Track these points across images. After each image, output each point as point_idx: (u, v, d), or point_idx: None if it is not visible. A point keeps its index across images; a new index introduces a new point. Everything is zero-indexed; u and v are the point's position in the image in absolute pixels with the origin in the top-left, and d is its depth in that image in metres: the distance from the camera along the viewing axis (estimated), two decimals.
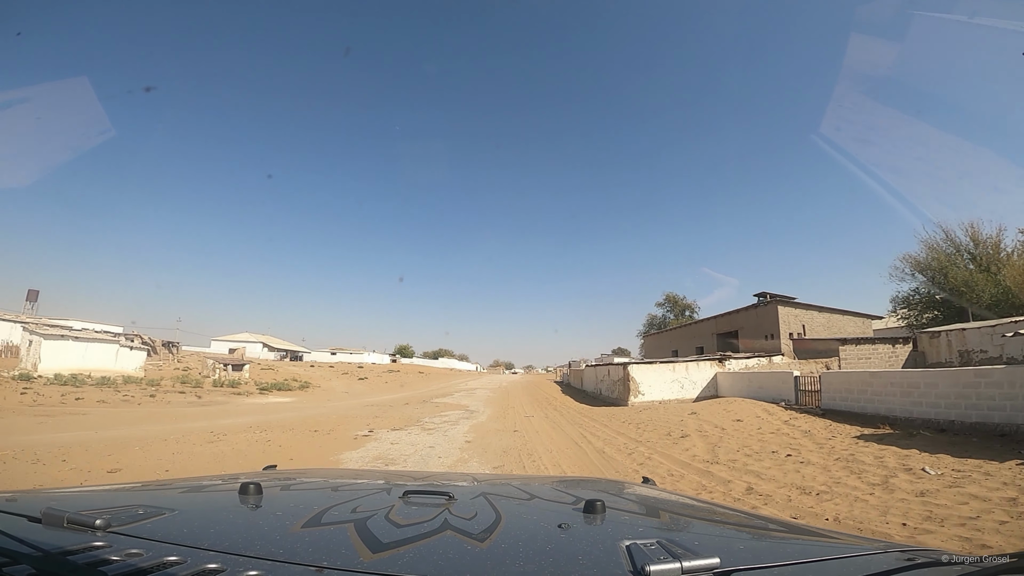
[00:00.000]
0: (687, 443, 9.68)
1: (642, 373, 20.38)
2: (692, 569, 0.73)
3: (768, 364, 22.50)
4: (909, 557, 0.89)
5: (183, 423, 14.20)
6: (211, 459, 8.31)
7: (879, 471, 6.49)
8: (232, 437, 10.99)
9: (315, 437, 11.58)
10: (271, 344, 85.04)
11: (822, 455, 7.76)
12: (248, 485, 1.26)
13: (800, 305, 30.32)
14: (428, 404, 22.64)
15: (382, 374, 54.35)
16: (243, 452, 9.06)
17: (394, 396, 29.93)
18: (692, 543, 0.94)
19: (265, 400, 25.84)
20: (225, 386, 30.33)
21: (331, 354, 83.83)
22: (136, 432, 11.49)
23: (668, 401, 20.13)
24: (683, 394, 20.56)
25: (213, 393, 27.39)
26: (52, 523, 0.89)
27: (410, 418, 16.17)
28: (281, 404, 23.97)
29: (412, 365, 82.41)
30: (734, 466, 7.56)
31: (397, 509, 1.17)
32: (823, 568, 0.86)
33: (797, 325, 29.84)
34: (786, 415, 12.35)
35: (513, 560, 0.83)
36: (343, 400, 27.10)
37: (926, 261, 27.89)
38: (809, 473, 6.76)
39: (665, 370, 20.71)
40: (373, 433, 12.31)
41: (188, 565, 0.73)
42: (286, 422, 14.81)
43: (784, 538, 1.27)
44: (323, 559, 0.78)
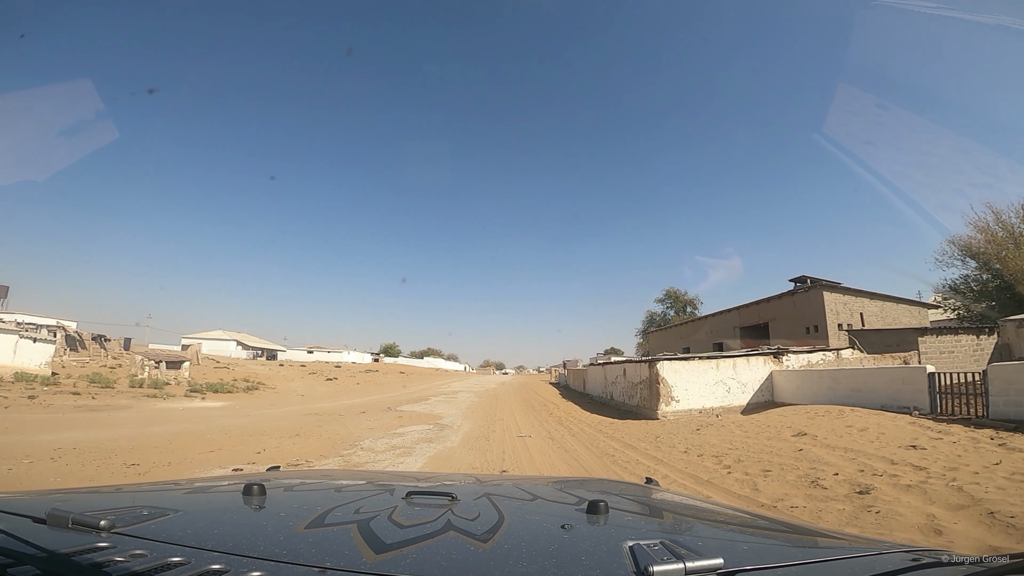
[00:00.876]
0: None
1: (676, 373, 15.02)
2: (696, 570, 0.72)
3: (836, 360, 17.30)
4: (913, 557, 0.88)
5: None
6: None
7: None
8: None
9: (127, 474, 6.11)
10: (246, 342, 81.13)
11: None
12: (252, 486, 1.25)
13: (849, 291, 25.21)
14: (390, 413, 17.10)
15: (357, 374, 48.60)
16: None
17: (356, 401, 24.33)
18: (696, 544, 0.93)
19: (184, 405, 20.15)
20: (146, 386, 24.61)
21: (308, 353, 78.57)
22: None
23: (709, 410, 14.85)
24: (729, 400, 15.29)
25: (122, 395, 21.71)
26: (57, 524, 0.88)
27: (345, 439, 10.65)
28: (201, 410, 18.44)
29: (394, 365, 76.85)
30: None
31: (400, 510, 1.16)
32: (827, 569, 0.85)
33: (847, 314, 24.72)
34: (964, 434, 7.05)
35: (516, 561, 0.83)
36: (289, 405, 21.50)
37: (979, 245, 24.30)
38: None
39: (706, 368, 15.38)
40: (250, 469, 6.78)
41: (192, 566, 0.72)
42: (144, 441, 9.31)
43: (788, 539, 1.24)
44: (326, 560, 0.77)
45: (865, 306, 25.34)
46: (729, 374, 15.57)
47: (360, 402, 23.29)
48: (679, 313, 58.56)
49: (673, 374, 14.97)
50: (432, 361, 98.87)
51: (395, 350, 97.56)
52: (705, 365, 15.42)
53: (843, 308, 24.74)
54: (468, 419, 14.91)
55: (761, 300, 29.38)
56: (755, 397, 15.68)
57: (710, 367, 15.44)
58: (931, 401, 10.31)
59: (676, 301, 60.51)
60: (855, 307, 25.13)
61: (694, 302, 59.50)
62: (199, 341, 51.09)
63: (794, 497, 5.16)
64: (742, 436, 8.91)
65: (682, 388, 14.94)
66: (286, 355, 76.19)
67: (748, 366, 15.91)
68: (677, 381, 14.95)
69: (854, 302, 25.20)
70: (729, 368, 15.65)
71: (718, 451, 7.82)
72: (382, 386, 37.71)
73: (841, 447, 7.05)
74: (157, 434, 11.05)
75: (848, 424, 8.59)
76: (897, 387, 11.16)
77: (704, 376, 15.27)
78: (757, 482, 5.83)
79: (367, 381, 41.74)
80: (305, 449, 9.32)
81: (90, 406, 18.59)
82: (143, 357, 29.11)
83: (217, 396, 24.22)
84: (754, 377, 15.86)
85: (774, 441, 8.07)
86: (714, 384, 15.32)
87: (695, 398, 15.00)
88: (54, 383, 23.28)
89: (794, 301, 26.41)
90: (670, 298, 60.85)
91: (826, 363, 17.12)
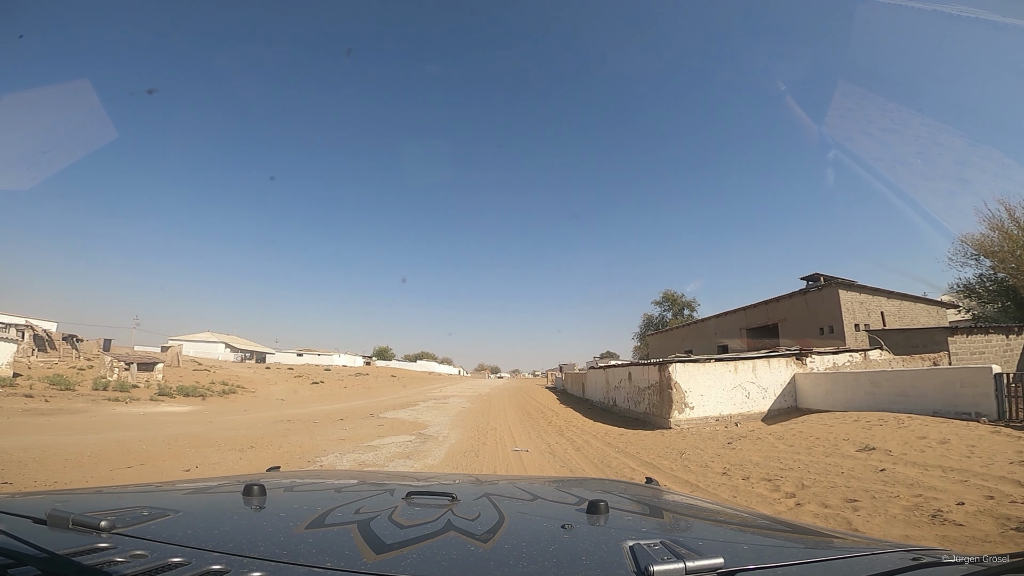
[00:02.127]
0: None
1: (690, 377, 13.38)
2: (696, 569, 0.71)
3: (864, 361, 15.74)
4: (913, 557, 0.87)
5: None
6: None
7: None
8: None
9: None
10: (234, 344, 79.70)
11: None
12: (252, 487, 1.25)
13: (866, 290, 23.71)
14: (371, 420, 15.35)
15: (346, 378, 46.65)
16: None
17: (338, 406, 22.53)
18: (696, 543, 0.92)
19: (146, 409, 18.32)
20: (111, 389, 22.70)
21: (297, 356, 76.49)
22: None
23: (727, 417, 13.23)
24: (749, 406, 13.69)
25: (81, 399, 19.83)
26: (57, 524, 0.87)
27: (305, 453, 8.93)
28: (162, 415, 16.69)
29: (386, 368, 74.91)
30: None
31: (400, 510, 1.15)
32: (827, 568, 0.85)
33: (863, 314, 23.22)
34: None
35: (516, 561, 0.82)
36: (263, 411, 19.68)
37: (993, 243, 23.44)
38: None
39: (723, 372, 13.75)
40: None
41: (192, 566, 0.72)
42: (60, 452, 7.62)
43: (788, 538, 1.22)
44: (327, 560, 0.77)
45: (882, 305, 23.87)
46: (748, 378, 13.95)
47: (342, 407, 21.50)
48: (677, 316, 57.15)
49: (687, 378, 13.33)
50: (425, 364, 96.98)
51: (389, 353, 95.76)
52: (722, 368, 13.79)
53: (859, 307, 23.24)
54: (457, 428, 13.19)
55: (770, 300, 27.83)
56: (776, 403, 14.09)
57: (727, 370, 13.81)
58: (998, 406, 8.75)
59: (674, 303, 59.06)
60: (872, 306, 23.65)
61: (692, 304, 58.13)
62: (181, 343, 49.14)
63: (923, 541, 3.52)
64: (789, 451, 7.26)
65: (697, 393, 13.29)
66: (275, 358, 74.44)
67: (769, 369, 14.31)
68: (692, 386, 13.31)
69: (871, 301, 23.71)
70: (748, 371, 14.03)
71: (767, 472, 6.17)
72: (370, 390, 35.86)
73: (934, 465, 5.44)
74: (85, 443, 9.29)
75: (919, 435, 6.97)
76: (954, 390, 9.59)
77: (721, 380, 13.64)
78: (850, 518, 4.20)
79: (355, 385, 39.83)
80: (251, 466, 7.60)
81: (40, 410, 16.82)
82: (112, 358, 27.15)
83: (187, 400, 22.35)
84: (775, 381, 14.26)
85: (835, 458, 6.41)
86: (732, 389, 13.70)
87: (711, 404, 13.37)
88: (10, 384, 21.38)
89: (806, 300, 24.89)
90: (668, 300, 59.40)
91: (852, 365, 15.56)
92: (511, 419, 15.82)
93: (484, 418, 16.03)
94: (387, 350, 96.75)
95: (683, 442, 9.25)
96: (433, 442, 10.58)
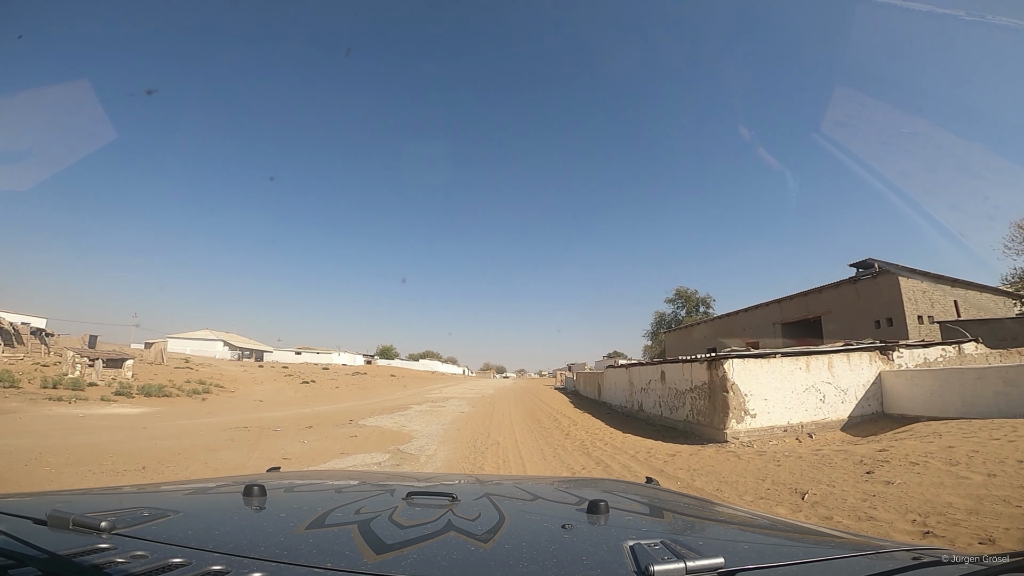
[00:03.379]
0: None
1: (751, 376, 10.34)
2: (696, 569, 0.71)
3: (958, 356, 12.62)
4: (913, 556, 0.87)
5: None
6: None
7: None
8: None
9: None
10: (233, 343, 77.66)
11: None
12: (252, 487, 1.23)
13: (929, 276, 20.50)
14: (346, 429, 12.48)
15: (342, 377, 43.93)
16: None
17: (320, 409, 19.72)
18: (696, 543, 0.92)
19: (91, 411, 15.58)
20: (63, 387, 20.03)
21: (296, 354, 74.11)
22: None
23: (797, 427, 10.25)
24: (824, 412, 10.66)
25: (19, 397, 17.19)
26: (57, 525, 0.86)
27: (234, 474, 5.97)
28: (103, 417, 14.14)
29: (387, 367, 72.20)
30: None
31: (400, 510, 1.14)
32: (827, 568, 0.84)
33: (926, 304, 20.02)
34: None
35: (517, 561, 0.81)
36: (230, 414, 16.90)
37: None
38: None
39: (792, 369, 10.72)
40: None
41: (193, 567, 0.72)
42: None
43: (788, 538, 1.21)
44: (327, 560, 0.76)
45: (945, 295, 20.65)
46: (823, 376, 10.91)
47: (323, 410, 18.65)
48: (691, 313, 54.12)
49: (748, 378, 10.29)
50: (429, 364, 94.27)
51: (392, 352, 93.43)
52: (791, 365, 10.75)
53: (922, 297, 20.04)
54: (448, 442, 10.23)
55: (810, 291, 24.63)
56: (858, 408, 11.05)
57: (797, 367, 10.77)
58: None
59: (687, 301, 56.02)
60: (935, 295, 20.43)
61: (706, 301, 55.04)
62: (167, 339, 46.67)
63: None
64: (994, 486, 4.22)
65: (760, 397, 10.26)
66: (273, 356, 72.33)
67: (849, 365, 11.25)
68: (753, 387, 10.28)
69: (934, 290, 20.50)
70: (823, 368, 10.99)
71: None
72: (364, 391, 33.02)
73: None
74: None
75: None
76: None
77: (791, 380, 10.60)
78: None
79: (350, 385, 37.02)
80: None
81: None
82: (75, 354, 24.51)
83: (147, 401, 19.60)
84: (856, 380, 11.21)
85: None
86: (804, 391, 10.66)
87: (778, 411, 10.34)
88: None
89: (856, 290, 21.70)
90: (681, 297, 56.39)
91: (946, 360, 12.47)
92: (518, 429, 12.83)
93: (485, 427, 13.06)
94: (390, 349, 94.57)
95: (777, 469, 6.21)
96: (412, 464, 7.65)
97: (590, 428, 12.56)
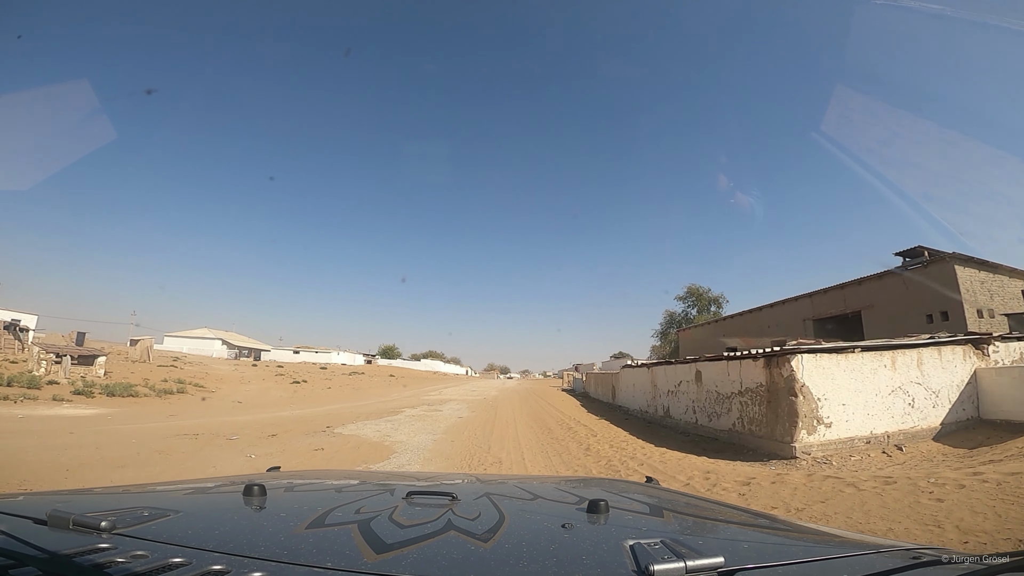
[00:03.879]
0: None
1: (825, 376, 8.10)
2: (696, 568, 0.71)
3: None
4: (913, 556, 0.87)
5: None
6: None
7: None
8: None
9: None
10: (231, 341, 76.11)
11: None
12: (252, 487, 1.22)
13: (987, 266, 18.13)
14: (312, 440, 10.36)
15: (338, 377, 41.86)
16: None
17: (302, 412, 17.61)
18: (696, 542, 0.92)
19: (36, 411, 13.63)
20: (17, 384, 18.02)
21: (294, 352, 72.27)
22: None
23: (882, 438, 8.07)
24: (912, 420, 8.44)
25: None
26: (58, 525, 0.86)
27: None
28: (48, 420, 12.39)
29: (387, 367, 70.15)
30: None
31: (400, 510, 1.13)
32: (827, 567, 0.84)
33: (986, 296, 17.66)
34: None
35: (517, 560, 0.81)
36: (201, 417, 14.84)
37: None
38: None
39: (875, 367, 8.48)
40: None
41: (193, 567, 0.71)
42: None
43: (788, 537, 1.20)
44: (327, 560, 0.76)
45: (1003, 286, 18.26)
46: (912, 375, 8.65)
47: (304, 414, 16.51)
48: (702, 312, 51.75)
49: (821, 378, 8.05)
50: (430, 364, 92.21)
51: (395, 352, 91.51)
52: (873, 362, 8.49)
53: (980, 288, 17.68)
54: (437, 458, 8.05)
55: (847, 283, 22.27)
56: (951, 413, 8.81)
57: (882, 364, 8.52)
58: None
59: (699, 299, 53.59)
60: (994, 286, 18.06)
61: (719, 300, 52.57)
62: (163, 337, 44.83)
63: None
64: None
65: (836, 402, 8.02)
66: (271, 355, 70.66)
67: (940, 361, 8.99)
68: (828, 390, 8.04)
69: (992, 280, 18.13)
70: (911, 365, 8.74)
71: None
72: (358, 391, 30.91)
73: None
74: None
75: None
76: None
77: (874, 380, 8.36)
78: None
79: (344, 385, 34.91)
80: None
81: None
82: (40, 349, 22.52)
83: (109, 400, 17.55)
84: (949, 380, 8.95)
85: None
86: (889, 393, 8.41)
87: (858, 418, 8.10)
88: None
89: (904, 281, 19.34)
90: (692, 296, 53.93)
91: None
92: (525, 440, 10.59)
93: (484, 437, 10.85)
94: (393, 349, 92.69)
95: (932, 503, 3.97)
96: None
97: (613, 440, 10.31)
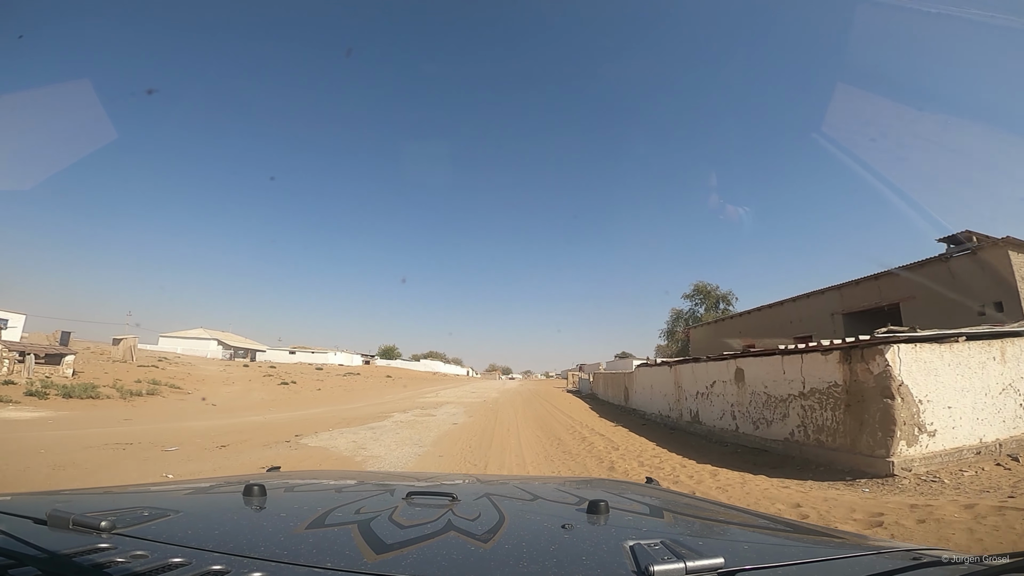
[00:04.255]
0: None
1: (925, 371, 6.19)
2: (696, 569, 0.70)
3: None
4: (913, 557, 0.86)
5: None
6: None
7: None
8: None
9: None
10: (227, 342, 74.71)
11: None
12: (252, 487, 1.22)
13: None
14: (276, 452, 8.58)
15: (332, 378, 40.04)
16: None
17: (278, 416, 15.78)
18: (696, 543, 0.92)
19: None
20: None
21: (290, 353, 70.55)
22: None
23: (993, 447, 6.13)
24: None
25: None
26: (57, 525, 0.86)
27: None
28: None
29: (385, 368, 68.33)
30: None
31: (400, 510, 1.12)
32: (827, 568, 0.83)
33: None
34: None
35: (517, 561, 0.81)
36: (158, 422, 13.01)
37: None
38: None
39: (983, 359, 6.57)
40: None
41: (193, 567, 0.71)
42: None
43: (788, 538, 1.19)
44: (327, 560, 0.76)
45: None
46: (1022, 370, 6.75)
47: (278, 419, 14.65)
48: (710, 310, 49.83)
49: (922, 374, 6.14)
50: (430, 364, 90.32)
51: (394, 352, 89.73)
52: (981, 353, 6.60)
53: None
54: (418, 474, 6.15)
55: (882, 273, 20.21)
56: None
57: (990, 357, 6.63)
58: None
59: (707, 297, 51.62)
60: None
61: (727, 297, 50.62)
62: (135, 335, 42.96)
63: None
64: None
65: (941, 404, 6.11)
66: (266, 356, 69.15)
67: None
68: (929, 390, 6.12)
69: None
70: (1021, 357, 6.83)
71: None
72: (350, 393, 29.06)
73: None
74: None
75: None
76: None
77: (982, 376, 6.47)
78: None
79: (336, 387, 33.06)
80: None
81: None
82: (4, 347, 20.74)
83: (64, 402, 15.71)
84: None
85: None
86: (1000, 392, 6.52)
87: (966, 423, 6.19)
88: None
89: (950, 269, 17.32)
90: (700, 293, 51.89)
91: None
92: (530, 454, 8.65)
93: (480, 450, 8.95)
94: (392, 349, 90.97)
95: None
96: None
97: (641, 453, 8.38)
